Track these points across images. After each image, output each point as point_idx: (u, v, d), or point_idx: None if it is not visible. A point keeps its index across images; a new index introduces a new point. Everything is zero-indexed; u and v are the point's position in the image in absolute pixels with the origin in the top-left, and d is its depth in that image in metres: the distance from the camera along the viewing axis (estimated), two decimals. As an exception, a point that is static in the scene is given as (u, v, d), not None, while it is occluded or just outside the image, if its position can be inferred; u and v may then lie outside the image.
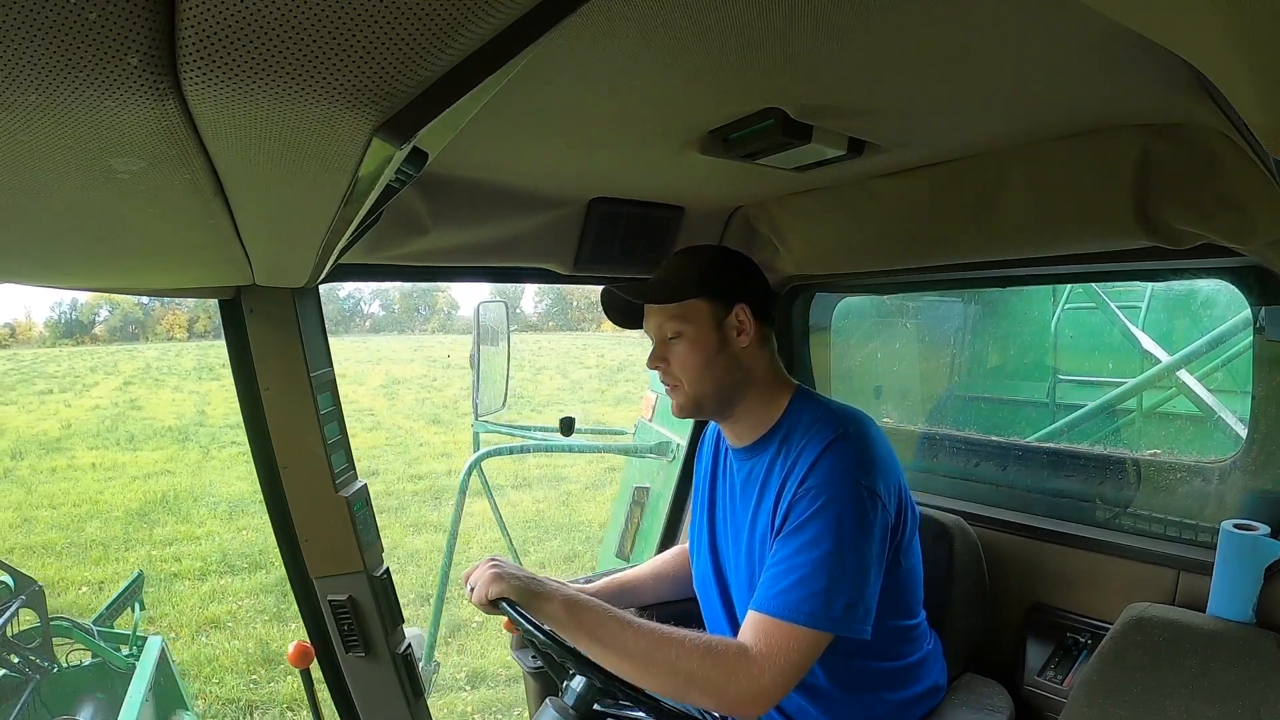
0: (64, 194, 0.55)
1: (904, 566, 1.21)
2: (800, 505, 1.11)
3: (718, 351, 1.21)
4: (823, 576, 1.05)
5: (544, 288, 3.11)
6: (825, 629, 1.05)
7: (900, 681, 1.26)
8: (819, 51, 0.77)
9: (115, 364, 25.33)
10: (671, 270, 1.25)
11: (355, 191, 0.57)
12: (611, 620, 1.08)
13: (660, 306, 1.22)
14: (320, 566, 1.36)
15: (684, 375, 1.22)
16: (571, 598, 1.11)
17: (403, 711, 1.44)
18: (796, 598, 1.05)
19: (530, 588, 1.11)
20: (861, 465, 1.11)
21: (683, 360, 1.21)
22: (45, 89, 0.36)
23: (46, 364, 26.14)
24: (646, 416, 3.07)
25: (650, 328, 1.25)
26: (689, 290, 1.20)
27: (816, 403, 1.24)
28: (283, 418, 1.31)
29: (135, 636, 3.07)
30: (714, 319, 1.21)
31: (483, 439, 3.28)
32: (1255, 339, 1.32)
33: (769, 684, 1.03)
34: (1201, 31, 0.39)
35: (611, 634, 1.06)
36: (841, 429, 1.14)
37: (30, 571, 5.28)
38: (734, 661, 1.04)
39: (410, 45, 0.36)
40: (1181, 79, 0.83)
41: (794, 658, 1.04)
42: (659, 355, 1.24)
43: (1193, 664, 1.15)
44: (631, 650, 1.05)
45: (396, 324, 63.21)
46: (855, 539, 1.07)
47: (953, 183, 1.29)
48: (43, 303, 67.60)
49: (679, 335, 1.21)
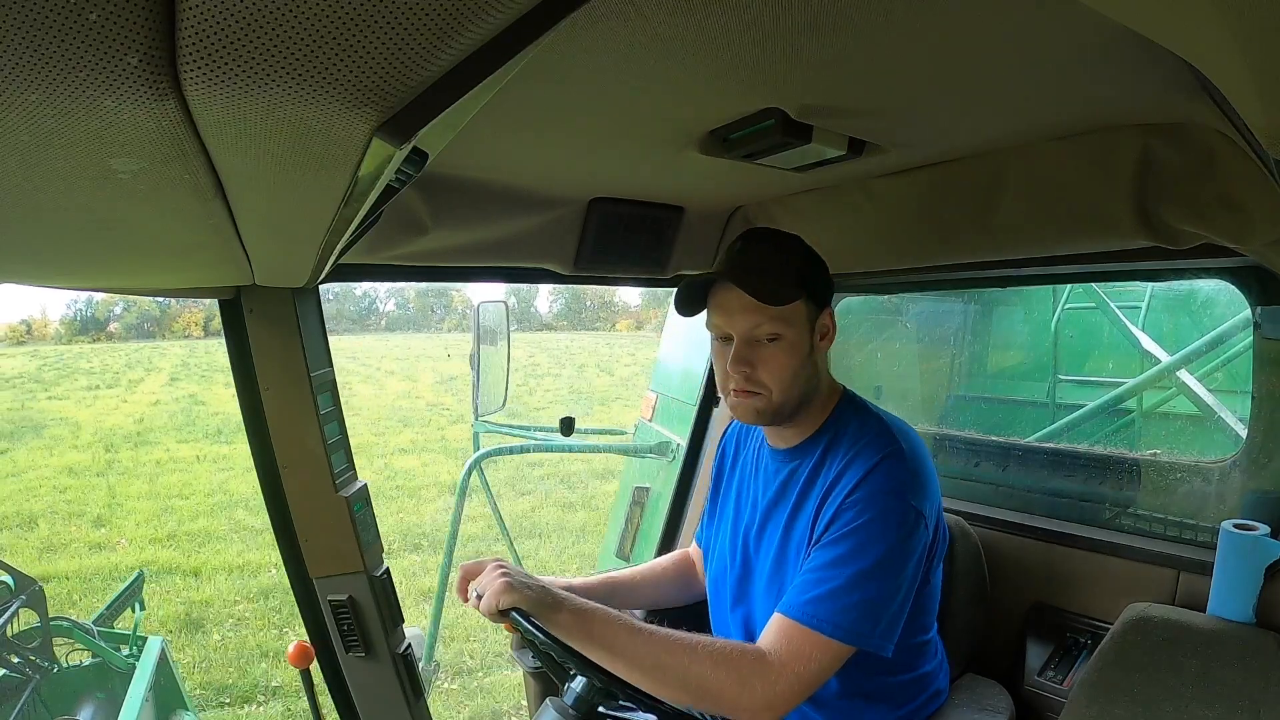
0: (64, 194, 0.55)
1: (930, 585, 1.20)
2: (845, 515, 1.08)
3: (808, 356, 1.15)
4: (857, 591, 1.03)
5: (557, 288, 3.10)
6: (850, 642, 1.03)
7: (909, 693, 1.26)
8: (819, 51, 0.77)
9: (148, 360, 25.57)
10: (767, 263, 1.14)
11: (355, 191, 0.57)
12: (622, 628, 1.07)
13: (762, 306, 1.10)
14: (320, 566, 1.36)
15: (775, 381, 1.13)
16: (580, 608, 1.09)
17: (403, 711, 1.44)
18: (828, 609, 1.03)
19: (542, 599, 1.08)
20: (912, 485, 1.09)
21: (779, 364, 1.12)
22: (45, 89, 0.36)
23: (76, 360, 26.36)
24: (646, 416, 3.07)
25: (737, 325, 1.13)
26: (793, 290, 1.12)
27: (866, 411, 1.21)
28: (283, 418, 1.31)
29: (135, 636, 3.07)
30: (809, 322, 1.15)
31: (483, 439, 3.28)
32: (1255, 339, 1.32)
33: (784, 691, 1.01)
34: (1201, 31, 0.39)
35: (622, 642, 1.05)
36: (895, 445, 1.12)
37: (219, 558, 5.73)
38: (749, 667, 1.02)
39: (410, 45, 0.36)
40: (1181, 79, 0.83)
41: (813, 667, 1.02)
42: (745, 358, 1.12)
43: (1193, 664, 1.15)
44: (642, 658, 1.04)
45: (411, 322, 63.26)
46: (895, 558, 1.06)
47: (953, 183, 1.29)
48: (58, 300, 68.03)
49: (777, 338, 1.13)
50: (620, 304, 61.70)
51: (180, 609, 5.32)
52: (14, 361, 25.88)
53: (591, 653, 1.06)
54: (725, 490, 1.41)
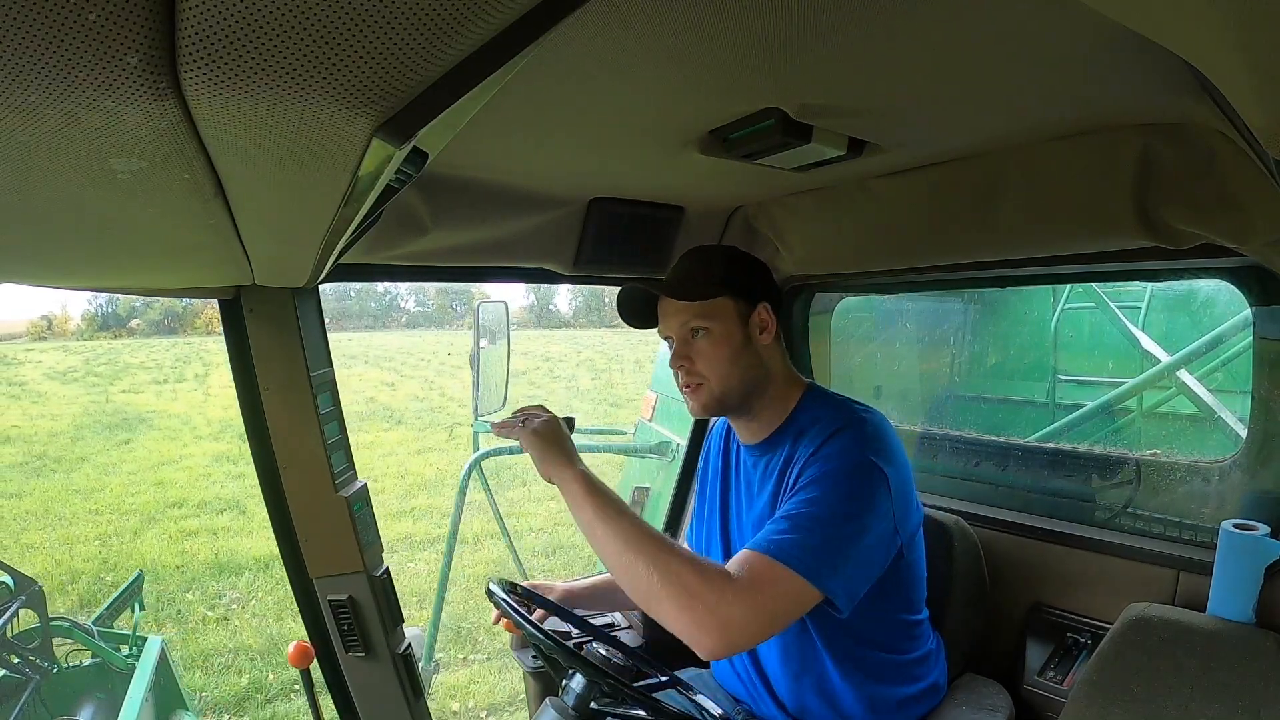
0: (64, 194, 0.55)
1: (907, 560, 1.21)
2: (809, 472, 1.12)
3: (743, 348, 1.23)
4: (818, 534, 1.04)
5: (576, 287, 3.11)
6: (809, 578, 1.01)
7: (902, 676, 1.26)
8: (819, 51, 0.77)
9: (197, 355, 25.60)
10: (692, 269, 1.27)
11: (355, 191, 0.57)
12: (615, 508, 1.08)
13: (686, 304, 1.23)
14: (320, 566, 1.36)
15: (710, 371, 1.22)
16: (590, 478, 1.12)
17: (402, 711, 1.44)
18: (789, 541, 1.03)
19: (554, 452, 1.14)
20: (873, 445, 1.12)
21: (709, 356, 1.22)
22: (45, 89, 0.36)
23: (121, 354, 26.49)
24: (646, 416, 3.08)
25: (671, 327, 1.26)
26: (715, 288, 1.22)
27: (831, 398, 1.27)
28: (283, 418, 1.31)
29: (135, 636, 3.07)
30: (739, 316, 1.23)
31: (483, 439, 3.28)
32: (1254, 339, 1.32)
33: (739, 615, 0.98)
34: (1201, 31, 0.39)
35: (610, 519, 1.06)
36: (856, 417, 1.17)
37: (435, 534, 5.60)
38: (714, 578, 1.00)
39: (410, 45, 0.36)
40: (1181, 79, 0.83)
41: (771, 598, 1.00)
42: (682, 354, 1.25)
43: (1192, 664, 1.15)
44: (623, 536, 1.04)
45: (432, 320, 63.23)
46: (855, 504, 1.08)
47: (952, 183, 1.29)
48: (79, 296, 68.07)
49: (704, 331, 1.22)
50: (638, 302, 61.49)
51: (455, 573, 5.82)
52: (55, 356, 25.96)
53: (581, 518, 1.09)
54: (711, 490, 1.43)
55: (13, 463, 9.79)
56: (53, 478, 9.02)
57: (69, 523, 7.26)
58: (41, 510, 7.70)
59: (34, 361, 23.67)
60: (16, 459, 9.99)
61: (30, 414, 13.55)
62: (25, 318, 52.39)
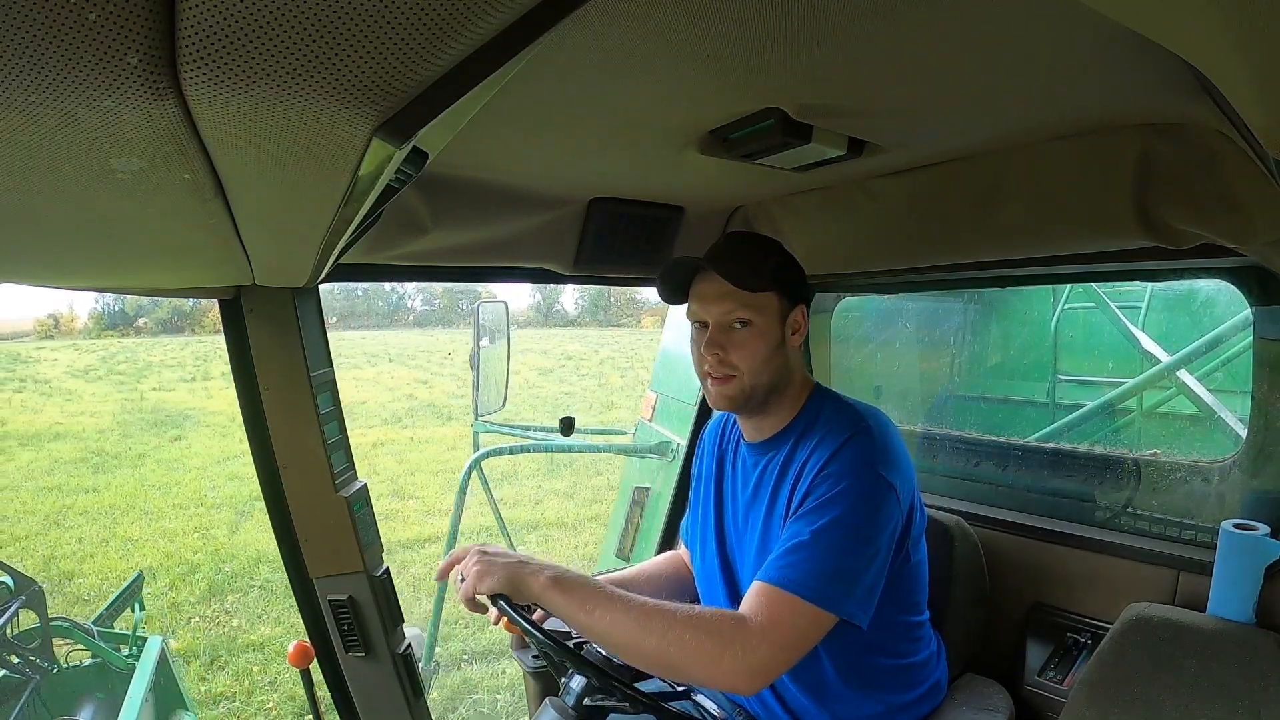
0: (64, 194, 0.55)
1: (912, 562, 1.21)
2: (819, 489, 1.11)
3: (778, 346, 1.21)
4: (833, 558, 1.04)
5: (581, 287, 3.12)
6: (827, 607, 1.02)
7: (904, 680, 1.26)
8: (819, 51, 0.77)
9: (217, 354, 25.60)
10: (747, 255, 1.21)
11: (355, 191, 0.57)
12: (600, 595, 1.05)
13: (735, 291, 1.17)
14: (320, 566, 1.36)
15: (745, 364, 1.19)
16: (558, 575, 1.07)
17: (402, 711, 1.44)
18: (804, 572, 1.03)
19: (516, 573, 1.07)
20: (882, 458, 1.12)
21: (747, 350, 1.19)
22: (45, 89, 0.36)
23: (137, 353, 26.49)
24: (646, 416, 3.08)
25: (712, 312, 1.20)
26: (766, 282, 1.19)
27: (836, 398, 1.26)
28: (283, 418, 1.31)
29: (135, 637, 3.07)
30: (780, 314, 1.21)
31: (483, 439, 3.28)
32: (1254, 339, 1.32)
33: (766, 657, 0.99)
34: (1201, 31, 0.39)
35: (601, 609, 1.03)
36: (863, 422, 1.16)
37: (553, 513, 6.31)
38: (729, 633, 1.00)
39: (410, 45, 0.36)
40: (1181, 79, 0.83)
41: (794, 633, 1.01)
42: (718, 342, 1.19)
43: (1192, 664, 1.15)
44: (621, 624, 1.02)
45: (439, 318, 63.25)
46: (869, 527, 1.07)
47: (952, 183, 1.29)
48: (86, 294, 68.41)
49: (747, 324, 1.19)
50: (644, 301, 61.33)
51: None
52: (70, 355, 25.95)
53: (572, 620, 1.05)
54: (706, 486, 1.42)
55: (73, 459, 9.82)
56: (118, 473, 9.04)
57: (157, 517, 7.30)
58: (125, 505, 7.73)
59: (50, 360, 23.69)
60: (76, 455, 10.02)
61: (69, 411, 13.60)
62: (32, 316, 52.59)
